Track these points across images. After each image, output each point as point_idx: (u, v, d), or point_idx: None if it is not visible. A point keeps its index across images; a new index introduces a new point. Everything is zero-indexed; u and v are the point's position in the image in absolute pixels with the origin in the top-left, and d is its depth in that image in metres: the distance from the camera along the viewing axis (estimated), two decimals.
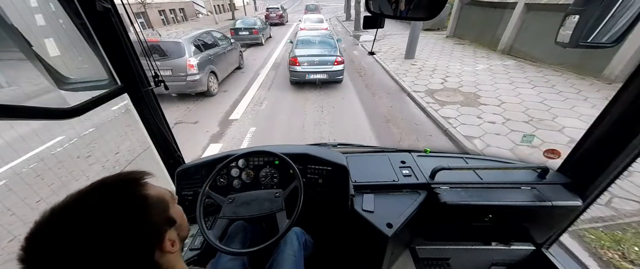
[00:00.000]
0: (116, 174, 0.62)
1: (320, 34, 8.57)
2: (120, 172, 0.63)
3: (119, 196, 0.57)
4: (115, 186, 0.59)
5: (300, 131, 5.21)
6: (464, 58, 9.69)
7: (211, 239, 1.08)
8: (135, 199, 0.58)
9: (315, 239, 1.58)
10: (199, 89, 6.63)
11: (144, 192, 0.61)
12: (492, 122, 5.08)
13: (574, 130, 4.60)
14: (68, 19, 1.01)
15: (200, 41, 7.05)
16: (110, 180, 0.59)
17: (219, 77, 7.64)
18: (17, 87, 1.56)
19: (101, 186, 0.58)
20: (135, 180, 0.62)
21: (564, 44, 0.93)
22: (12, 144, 1.62)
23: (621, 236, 2.57)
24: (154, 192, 0.63)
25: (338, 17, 27.42)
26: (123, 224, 0.54)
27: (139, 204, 0.58)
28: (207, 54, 7.01)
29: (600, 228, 2.66)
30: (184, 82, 6.34)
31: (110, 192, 0.57)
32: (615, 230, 2.64)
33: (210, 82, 7.01)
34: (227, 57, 8.36)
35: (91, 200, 0.54)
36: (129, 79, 1.25)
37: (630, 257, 2.37)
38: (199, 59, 6.54)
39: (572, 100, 5.72)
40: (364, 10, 1.33)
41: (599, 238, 2.55)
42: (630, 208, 2.89)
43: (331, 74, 7.12)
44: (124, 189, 0.59)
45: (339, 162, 1.43)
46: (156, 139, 1.51)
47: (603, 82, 6.41)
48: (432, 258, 1.70)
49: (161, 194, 0.65)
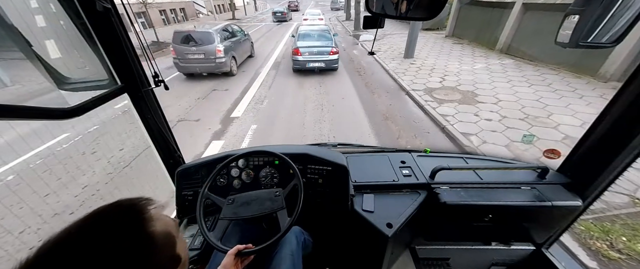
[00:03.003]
0: (116, 205, 0.53)
1: (319, 28, 9.65)
2: (121, 201, 0.54)
3: (122, 236, 0.49)
4: (117, 222, 0.50)
5: (301, 127, 5.23)
6: (463, 57, 9.72)
7: (213, 240, 1.08)
8: (140, 240, 0.50)
9: (316, 239, 1.58)
10: (224, 69, 8.39)
11: (150, 229, 0.52)
12: (488, 120, 5.13)
13: (568, 127, 4.65)
14: (68, 19, 1.00)
15: (224, 32, 8.82)
16: (111, 214, 0.51)
17: (238, 61, 9.48)
18: (21, 86, 1.55)
19: (100, 220, 0.49)
20: (140, 213, 0.53)
21: (564, 44, 0.93)
22: (12, 144, 1.63)
23: (610, 227, 2.66)
24: (160, 228, 0.54)
25: (338, 17, 27.43)
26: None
27: (144, 246, 0.50)
28: (230, 42, 8.82)
29: (590, 220, 2.74)
30: (214, 63, 8.12)
31: (111, 230, 0.48)
32: (605, 222, 2.72)
33: (232, 65, 8.80)
34: (243, 46, 10.23)
35: (90, 240, 0.46)
36: (129, 79, 1.24)
37: (617, 246, 2.47)
38: (224, 45, 8.26)
39: (567, 98, 5.78)
40: (364, 10, 1.33)
41: (588, 229, 2.64)
42: (620, 200, 2.97)
43: (328, 62, 8.44)
44: (128, 226, 0.50)
45: (339, 162, 1.43)
46: (156, 139, 1.50)
47: (599, 80, 6.48)
48: (432, 258, 1.70)
49: (168, 229, 0.57)
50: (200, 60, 8.08)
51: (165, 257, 0.55)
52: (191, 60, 8.07)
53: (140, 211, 0.53)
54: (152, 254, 0.51)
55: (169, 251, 0.56)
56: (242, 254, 1.06)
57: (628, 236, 2.54)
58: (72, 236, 0.46)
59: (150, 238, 0.52)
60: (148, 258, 0.50)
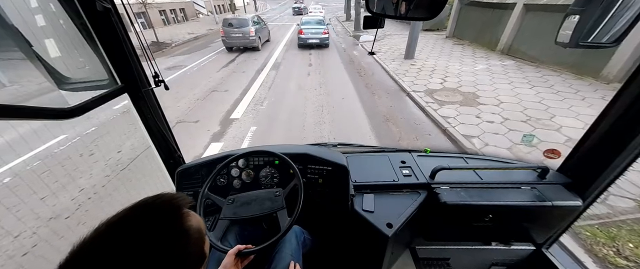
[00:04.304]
0: (159, 197, 0.57)
1: (316, 18, 14.32)
2: (162, 194, 0.58)
3: (163, 227, 0.53)
4: (159, 214, 0.54)
5: (301, 130, 5.23)
6: (463, 58, 9.71)
7: (213, 240, 1.08)
8: (178, 232, 0.55)
9: (316, 239, 1.58)
10: (254, 44, 12.84)
11: (187, 224, 0.57)
12: (490, 122, 5.10)
13: (571, 129, 4.62)
14: (68, 19, 1.00)
15: (253, 20, 12.93)
16: (154, 206, 0.55)
17: (262, 40, 13.84)
18: (20, 87, 1.56)
19: (145, 212, 0.54)
20: (179, 208, 0.58)
21: (564, 44, 0.93)
22: (13, 144, 1.63)
23: (616, 233, 2.59)
24: (195, 224, 0.59)
25: (338, 18, 27.45)
26: (163, 258, 0.51)
27: (180, 238, 0.55)
28: (258, 26, 13.20)
29: (596, 225, 2.68)
30: (248, 40, 12.62)
31: (155, 221, 0.53)
32: (611, 227, 2.66)
33: (259, 42, 13.12)
34: (264, 31, 14.52)
35: (134, 229, 0.51)
36: (129, 79, 1.24)
37: (624, 253, 2.40)
38: (255, 28, 12.62)
39: (570, 100, 5.74)
40: (364, 10, 1.33)
41: (594, 234, 2.57)
42: (626, 205, 2.91)
43: (322, 39, 12.86)
44: (169, 219, 0.55)
45: (339, 162, 1.42)
46: (156, 139, 1.50)
47: (601, 82, 6.43)
48: (432, 258, 1.70)
49: (200, 226, 0.61)
50: (239, 38, 12.58)
51: (196, 252, 0.58)
52: (233, 38, 12.58)
53: (179, 206, 0.58)
54: (186, 246, 0.55)
55: (199, 247, 0.60)
56: (242, 254, 1.06)
57: (635, 243, 2.48)
58: (121, 222, 0.51)
59: (187, 232, 0.56)
60: (183, 250, 0.54)
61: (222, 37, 12.58)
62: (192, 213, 0.61)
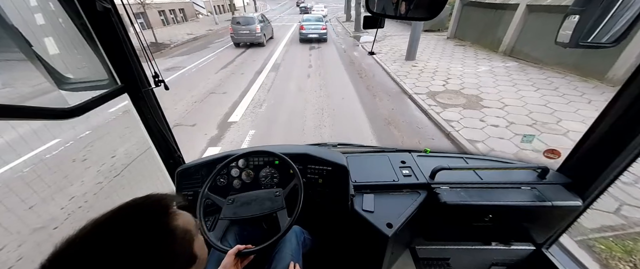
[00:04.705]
0: (147, 198, 0.58)
1: (316, 15, 16.42)
2: (151, 195, 0.59)
3: (147, 227, 0.53)
4: (145, 214, 0.55)
5: (300, 133, 5.22)
6: (465, 59, 9.67)
7: (213, 240, 1.08)
8: (161, 232, 0.55)
9: (316, 239, 1.58)
10: (260, 41, 14.16)
11: (173, 223, 0.57)
12: (495, 126, 5.01)
13: (578, 134, 4.48)
14: (68, 19, 1.01)
15: (259, 18, 14.28)
16: (142, 205, 0.56)
17: (266, 37, 15.07)
18: (12, 89, 1.54)
19: (132, 212, 0.55)
20: (167, 207, 0.58)
21: (564, 44, 0.93)
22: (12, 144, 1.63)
23: (633, 246, 2.45)
24: (182, 224, 0.59)
25: (338, 18, 27.48)
26: (146, 258, 0.51)
27: (164, 238, 0.55)
28: (263, 24, 14.42)
29: (610, 237, 2.54)
30: (254, 36, 13.90)
31: (139, 221, 0.54)
32: (626, 240, 2.51)
33: (264, 39, 14.41)
34: (268, 28, 15.81)
35: (118, 228, 0.51)
36: (129, 79, 1.25)
37: None
38: (260, 26, 13.90)
39: (576, 103, 5.63)
40: (364, 10, 1.33)
41: (609, 248, 2.44)
42: None
43: (320, 34, 14.67)
44: (154, 218, 0.55)
45: (339, 162, 1.42)
46: (156, 139, 1.51)
47: (607, 84, 6.33)
48: (432, 258, 1.70)
49: (188, 227, 0.60)
50: (246, 35, 13.89)
51: (183, 252, 0.58)
52: (241, 34, 13.93)
53: (167, 205, 0.58)
54: (172, 246, 0.55)
55: (186, 247, 0.59)
56: (242, 254, 1.06)
57: None
58: (107, 222, 0.52)
59: (172, 232, 0.56)
60: (167, 250, 0.54)
61: (231, 34, 13.99)
62: (182, 213, 0.61)
